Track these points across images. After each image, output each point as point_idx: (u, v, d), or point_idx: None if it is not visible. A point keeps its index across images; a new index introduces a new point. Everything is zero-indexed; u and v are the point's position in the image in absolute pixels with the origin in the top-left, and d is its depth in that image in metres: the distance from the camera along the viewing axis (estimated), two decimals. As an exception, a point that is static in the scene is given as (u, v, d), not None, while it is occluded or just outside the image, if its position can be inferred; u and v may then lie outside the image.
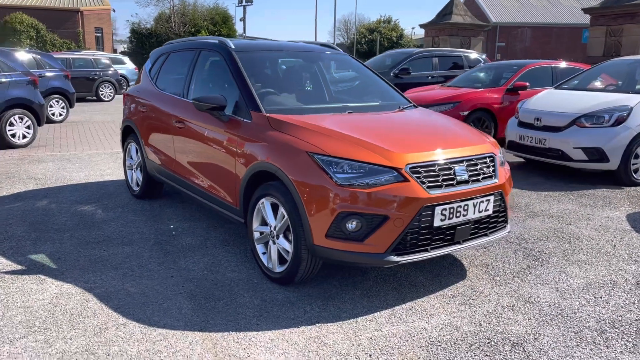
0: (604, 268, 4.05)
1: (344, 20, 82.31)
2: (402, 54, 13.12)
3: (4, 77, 8.67)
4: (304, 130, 3.58)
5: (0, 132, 8.68)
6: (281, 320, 3.20)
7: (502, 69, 10.32)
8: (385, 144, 3.43)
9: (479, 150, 3.67)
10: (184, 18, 36.85)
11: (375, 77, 5.00)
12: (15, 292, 3.53)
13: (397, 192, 3.22)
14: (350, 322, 3.20)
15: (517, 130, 7.43)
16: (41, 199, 5.77)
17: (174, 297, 3.50)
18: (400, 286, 3.70)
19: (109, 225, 4.92)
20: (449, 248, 3.48)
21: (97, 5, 37.19)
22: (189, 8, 37.69)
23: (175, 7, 37.45)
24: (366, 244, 3.26)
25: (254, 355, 2.83)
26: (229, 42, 4.54)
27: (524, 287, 3.70)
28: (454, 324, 3.20)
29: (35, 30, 32.53)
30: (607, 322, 3.22)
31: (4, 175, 6.89)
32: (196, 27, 36.25)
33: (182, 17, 36.98)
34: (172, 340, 2.96)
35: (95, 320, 3.17)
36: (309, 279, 3.62)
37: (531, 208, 5.63)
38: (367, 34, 66.81)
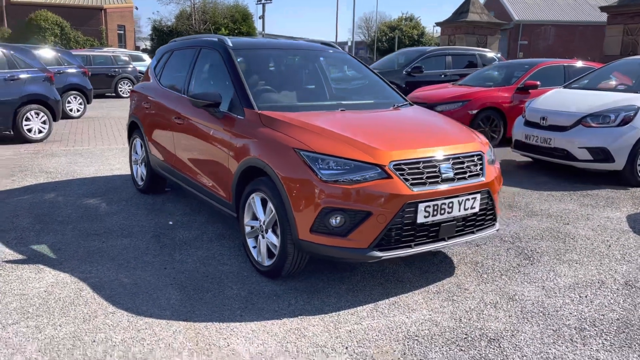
0: (595, 268, 4.05)
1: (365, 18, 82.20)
2: (415, 52, 13.10)
3: (20, 74, 8.90)
4: (292, 127, 3.65)
5: (17, 127, 8.93)
6: (265, 312, 3.28)
7: (513, 67, 10.26)
8: (371, 141, 3.48)
9: (466, 148, 3.70)
10: (205, 16, 37.21)
11: (373, 76, 5.04)
12: (13, 280, 3.67)
13: (380, 189, 3.28)
14: (332, 316, 3.26)
15: (523, 129, 7.39)
16: (49, 192, 5.94)
17: (165, 288, 3.60)
18: (387, 282, 3.76)
19: (111, 218, 5.06)
20: (433, 245, 3.52)
21: (120, 3, 37.76)
22: (209, 6, 38.04)
23: (196, 4, 37.84)
24: (349, 239, 3.32)
25: (233, 344, 2.92)
26: (227, 40, 4.63)
27: (510, 285, 3.72)
28: (434, 319, 3.24)
29: (59, 27, 33.20)
30: (587, 321, 3.23)
31: (18, 169, 7.10)
32: (216, 25, 36.59)
33: (202, 15, 37.34)
34: (157, 329, 3.07)
35: (86, 309, 3.29)
36: (296, 272, 3.70)
37: (531, 207, 5.62)
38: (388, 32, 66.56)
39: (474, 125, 9.06)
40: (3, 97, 8.65)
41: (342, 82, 5.41)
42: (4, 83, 8.67)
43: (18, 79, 8.86)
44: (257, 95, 4.14)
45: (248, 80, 4.25)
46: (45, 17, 32.74)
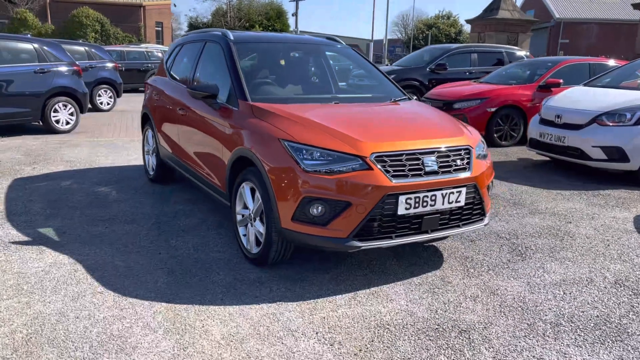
0: (587, 266, 4.00)
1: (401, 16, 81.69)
2: (440, 49, 13.02)
3: (50, 67, 9.26)
4: (280, 119, 3.73)
5: (46, 118, 9.30)
6: (245, 297, 3.38)
7: (536, 65, 10.08)
8: (355, 133, 3.53)
9: (453, 142, 3.70)
10: (240, 13, 37.66)
11: (375, 71, 5.07)
12: (15, 260, 3.87)
13: (360, 180, 3.33)
14: (309, 302, 3.33)
15: (538, 127, 7.28)
16: (66, 180, 6.19)
17: (155, 272, 3.74)
18: (372, 272, 3.80)
19: (119, 205, 5.25)
20: (415, 237, 3.55)
21: (158, 0, 38.56)
22: (245, 3, 38.49)
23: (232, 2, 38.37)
24: (329, 229, 3.38)
25: (207, 326, 3.02)
26: (230, 33, 4.74)
27: (494, 280, 3.72)
28: (410, 309, 3.27)
29: (100, 24, 34.15)
30: (565, 317, 3.21)
31: (41, 157, 7.41)
32: (250, 22, 37.01)
33: (237, 12, 37.81)
34: (139, 309, 3.20)
35: (77, 288, 3.45)
36: (282, 260, 3.78)
37: (536, 205, 5.55)
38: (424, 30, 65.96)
39: (492, 123, 8.98)
40: (33, 89, 9.02)
41: (343, 76, 5.45)
42: (33, 76, 9.04)
43: (47, 71, 9.22)
44: (253, 88, 4.23)
45: (246, 73, 4.35)
46: (86, 13, 33.71)
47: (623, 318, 3.21)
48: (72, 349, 2.76)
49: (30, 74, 8.99)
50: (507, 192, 6.07)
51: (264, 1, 38.80)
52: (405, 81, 12.08)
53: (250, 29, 36.52)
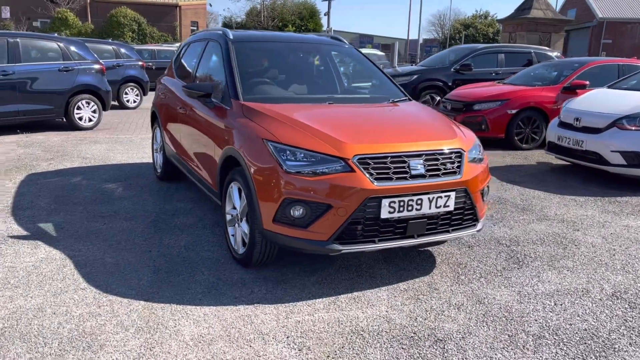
0: (586, 276, 3.82)
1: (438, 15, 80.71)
2: (466, 49, 12.77)
3: (74, 65, 9.48)
4: (267, 119, 3.70)
5: (69, 115, 9.52)
6: (224, 298, 3.36)
7: (562, 66, 9.77)
8: (340, 135, 3.46)
9: (443, 145, 3.60)
10: (273, 13, 37.88)
11: (377, 72, 4.98)
12: (9, 254, 3.95)
13: (341, 182, 3.26)
14: (288, 305, 3.29)
15: (557, 130, 7.05)
16: (77, 176, 6.31)
17: (141, 269, 3.76)
18: (359, 276, 3.73)
19: (121, 202, 5.32)
20: (400, 242, 3.46)
21: (194, 0, 39.15)
22: (279, 3, 38.68)
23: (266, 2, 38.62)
24: (310, 231, 3.32)
25: (179, 326, 3.01)
26: (230, 33, 4.73)
27: (484, 288, 3.59)
28: (389, 316, 3.19)
29: (137, 23, 34.89)
30: (551, 329, 3.07)
31: (59, 153, 7.59)
32: (283, 22, 37.17)
33: (271, 12, 38.03)
34: (116, 307, 3.21)
35: (61, 284, 3.49)
36: (266, 262, 3.74)
37: (545, 211, 5.36)
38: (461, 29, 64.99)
39: (513, 125, 8.74)
40: (57, 86, 9.24)
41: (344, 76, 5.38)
42: (58, 74, 9.26)
43: (72, 70, 9.43)
44: (248, 87, 4.21)
45: (243, 72, 4.33)
46: (124, 13, 34.50)
47: (613, 333, 3.05)
48: (41, 344, 2.78)
49: (54, 72, 9.22)
50: (518, 196, 5.89)
51: (297, 1, 38.90)
52: (429, 81, 11.90)
53: (283, 28, 36.67)
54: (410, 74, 12.22)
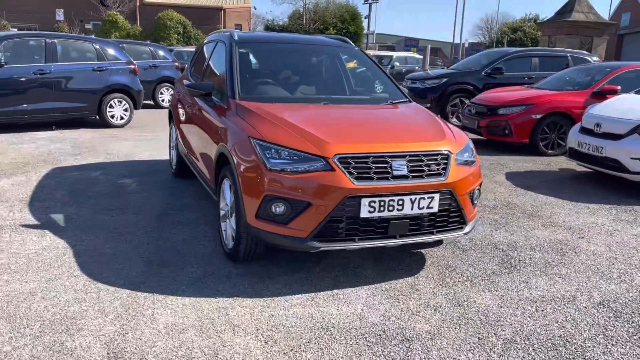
0: (577, 284, 3.74)
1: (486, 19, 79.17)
2: (498, 52, 12.57)
3: (107, 65, 9.86)
4: (257, 117, 3.79)
5: (101, 113, 9.90)
6: (206, 290, 3.46)
7: (594, 70, 9.49)
8: (324, 134, 3.52)
9: (428, 146, 3.60)
10: (315, 16, 38.13)
11: (380, 73, 4.99)
12: (17, 241, 4.18)
13: (321, 181, 3.31)
14: (265, 300, 3.36)
15: (577, 136, 6.87)
16: (97, 170, 6.58)
17: (135, 260, 3.91)
18: (344, 275, 3.76)
19: (133, 196, 5.52)
20: (381, 241, 3.48)
21: (238, 4, 39.84)
22: (321, 6, 38.91)
23: (308, 5, 38.93)
24: (290, 228, 3.39)
25: (156, 315, 3.13)
26: (236, 33, 4.86)
27: (466, 292, 3.57)
28: (363, 314, 3.22)
29: (182, 26, 35.74)
30: (524, 334, 3.03)
31: (87, 149, 7.91)
32: (325, 25, 37.36)
33: (313, 15, 38.29)
34: (103, 294, 3.36)
35: (57, 270, 3.68)
36: (253, 256, 3.82)
37: (553, 218, 5.25)
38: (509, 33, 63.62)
39: (537, 131, 8.55)
40: (90, 85, 9.63)
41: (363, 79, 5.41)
42: (92, 73, 9.66)
43: (105, 69, 9.81)
44: (246, 87, 4.32)
45: (243, 72, 4.44)
46: (170, 16, 35.40)
47: (588, 340, 2.99)
48: (24, 325, 2.95)
49: (89, 72, 9.62)
50: (529, 202, 5.78)
51: (340, 3, 39.04)
52: (458, 85, 11.78)
53: (325, 31, 36.85)
54: (439, 77, 12.12)
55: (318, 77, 4.88)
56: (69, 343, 2.80)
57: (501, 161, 8.05)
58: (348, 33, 37.53)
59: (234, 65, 4.43)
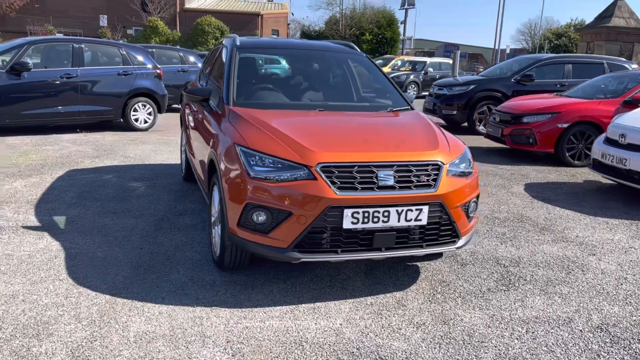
0: (577, 305, 3.52)
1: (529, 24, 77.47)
2: (530, 59, 12.20)
3: (132, 70, 10.02)
4: (245, 124, 3.73)
5: (126, 116, 10.07)
6: (186, 299, 3.41)
7: (628, 78, 9.07)
8: (308, 142, 3.42)
9: (418, 157, 3.46)
10: (351, 21, 38.05)
11: (384, 80, 4.86)
12: (14, 242, 4.23)
13: (302, 190, 3.22)
14: (244, 311, 3.28)
15: (601, 147, 6.56)
16: (110, 173, 6.66)
17: (123, 265, 3.89)
18: (329, 287, 3.65)
19: (138, 200, 5.54)
20: (366, 254, 3.36)
21: (276, 10, 40.17)
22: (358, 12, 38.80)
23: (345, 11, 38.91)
24: (270, 237, 3.31)
25: (129, 322, 3.09)
26: (238, 39, 4.83)
27: (456, 309, 3.40)
28: (341, 329, 3.10)
29: (220, 31, 36.26)
30: (507, 357, 2.85)
31: (106, 152, 8.04)
32: (361, 30, 37.22)
33: (350, 21, 38.23)
34: (82, 299, 3.35)
35: (44, 273, 3.69)
36: (238, 265, 3.75)
37: (566, 233, 4.99)
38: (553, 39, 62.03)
39: (563, 140, 8.22)
40: (115, 89, 9.81)
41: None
42: (117, 77, 9.83)
43: (130, 74, 9.98)
44: (241, 92, 4.27)
45: (241, 78, 4.40)
46: (209, 22, 35.99)
47: (576, 368, 2.79)
48: (-4, 328, 2.96)
49: (114, 76, 9.80)
50: (543, 215, 5.53)
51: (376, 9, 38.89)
52: (486, 92, 11.48)
53: (361, 37, 36.75)
54: (466, 83, 11.84)
55: (319, 84, 4.78)
56: (36, 348, 2.78)
57: (523, 171, 7.77)
58: (384, 39, 37.31)
59: (232, 70, 4.39)
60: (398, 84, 21.69)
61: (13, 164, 6.95)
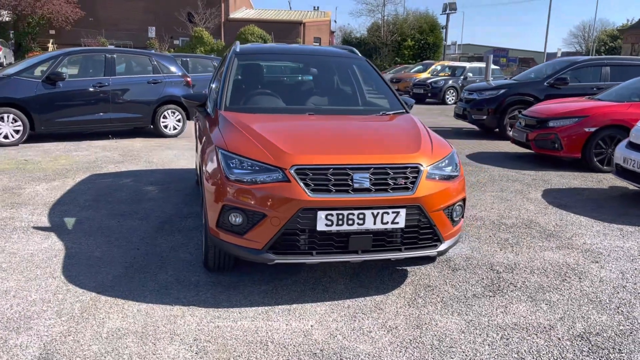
0: (563, 312, 3.40)
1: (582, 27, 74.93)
2: (565, 62, 11.83)
3: (162, 78, 10.34)
4: (229, 127, 3.80)
5: (155, 123, 10.39)
6: (166, 298, 3.49)
7: (664, 80, 8.66)
8: (285, 145, 3.46)
9: (396, 159, 3.44)
10: (393, 27, 37.89)
11: (382, 84, 4.84)
12: (21, 242, 4.45)
13: (276, 192, 3.26)
14: (218, 311, 3.33)
15: (623, 151, 6.29)
16: (129, 177, 6.89)
17: (117, 265, 4.03)
18: (312, 289, 3.66)
19: (148, 203, 5.71)
20: (341, 256, 3.36)
21: (319, 18, 40.50)
22: (401, 18, 38.59)
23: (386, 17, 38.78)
24: (246, 239, 3.36)
25: (106, 319, 3.19)
26: (239, 45, 4.93)
27: (434, 314, 3.35)
28: (310, 331, 3.11)
29: (262, 40, 36.88)
30: (472, 364, 2.79)
31: (131, 157, 8.32)
32: (402, 36, 37.00)
33: (392, 27, 38.08)
34: (68, 296, 3.48)
35: (40, 271, 3.86)
36: (222, 266, 3.81)
37: (573, 240, 4.82)
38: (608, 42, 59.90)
39: (591, 145, 7.92)
40: (145, 97, 10.13)
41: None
42: (147, 85, 10.16)
43: (159, 82, 10.30)
44: (235, 97, 4.36)
45: (236, 83, 4.50)
46: (252, 31, 36.68)
47: (543, 376, 2.70)
48: (-19, 321, 3.12)
49: (144, 84, 10.13)
50: (553, 221, 5.35)
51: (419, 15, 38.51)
52: (517, 96, 11.21)
53: (402, 43, 36.51)
54: (497, 88, 11.60)
55: (315, 88, 4.82)
56: (12, 341, 2.92)
57: (546, 177, 7.54)
58: (427, 44, 36.94)
59: (227, 76, 4.49)
60: (435, 89, 21.47)
61: (42, 169, 7.29)
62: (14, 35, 39.93)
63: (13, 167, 7.35)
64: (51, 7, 37.83)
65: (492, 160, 8.77)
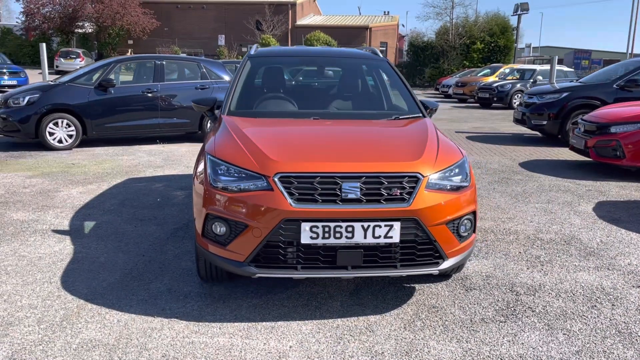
0: (582, 345, 2.97)
1: (673, 26, 69.55)
2: (637, 62, 10.85)
3: (209, 84, 10.43)
4: (224, 133, 3.65)
5: (203, 129, 10.47)
6: (152, 308, 3.37)
7: None
8: (272, 151, 3.25)
9: (392, 168, 3.14)
10: (462, 30, 36.78)
11: (402, 87, 4.51)
12: (34, 244, 4.49)
13: (257, 201, 3.06)
14: (199, 325, 3.17)
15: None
16: (162, 182, 6.91)
17: (116, 271, 3.96)
18: (304, 306, 3.42)
19: (169, 208, 5.67)
20: (329, 272, 3.11)
21: (385, 22, 40.07)
22: (470, 21, 37.42)
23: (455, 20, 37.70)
24: (228, 250, 3.17)
25: (83, 329, 3.09)
26: (254, 48, 4.78)
27: (428, 339, 3.02)
28: (287, 352, 2.87)
29: (327, 45, 36.95)
30: (455, 402, 2.45)
31: (172, 162, 8.39)
32: (471, 39, 35.81)
33: (460, 30, 36.99)
34: (56, 302, 3.43)
35: (40, 276, 3.86)
36: (214, 277, 3.63)
37: (617, 260, 4.29)
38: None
39: (657, 152, 7.16)
40: (193, 102, 10.25)
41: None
42: (195, 91, 10.26)
43: (207, 88, 10.39)
44: (240, 102, 4.22)
45: (245, 87, 4.36)
46: (317, 37, 36.86)
47: (535, 422, 2.32)
48: (-36, 325, 3.12)
49: (192, 90, 10.24)
50: (599, 238, 4.81)
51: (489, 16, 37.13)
52: (582, 100, 10.40)
53: (472, 45, 35.34)
54: (559, 91, 10.83)
55: (327, 91, 4.59)
56: (-17, 348, 2.88)
57: (603, 188, 6.87)
58: (497, 47, 35.54)
59: (236, 79, 4.36)
60: (502, 93, 20.52)
61: (84, 172, 7.48)
62: (97, 45, 42.36)
63: (59, 170, 7.59)
64: (130, 19, 39.87)
65: (547, 168, 8.14)
